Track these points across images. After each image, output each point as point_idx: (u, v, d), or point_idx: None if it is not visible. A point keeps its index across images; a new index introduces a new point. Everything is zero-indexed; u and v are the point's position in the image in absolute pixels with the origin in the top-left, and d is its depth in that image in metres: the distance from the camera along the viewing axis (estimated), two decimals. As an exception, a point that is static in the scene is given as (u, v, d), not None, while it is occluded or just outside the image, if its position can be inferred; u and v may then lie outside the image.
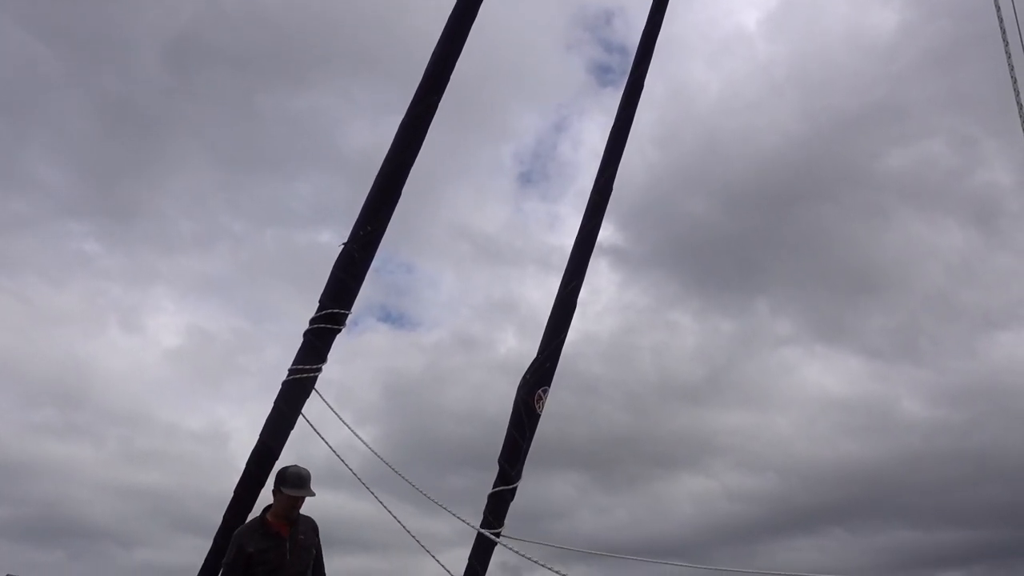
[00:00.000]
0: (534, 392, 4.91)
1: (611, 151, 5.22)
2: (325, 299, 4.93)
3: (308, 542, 4.87)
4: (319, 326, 4.91)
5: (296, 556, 4.76)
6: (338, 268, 4.93)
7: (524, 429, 4.88)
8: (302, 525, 4.89)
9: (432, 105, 5.13)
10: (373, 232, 4.88)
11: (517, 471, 4.86)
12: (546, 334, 5.07)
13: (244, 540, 4.78)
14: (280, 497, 4.83)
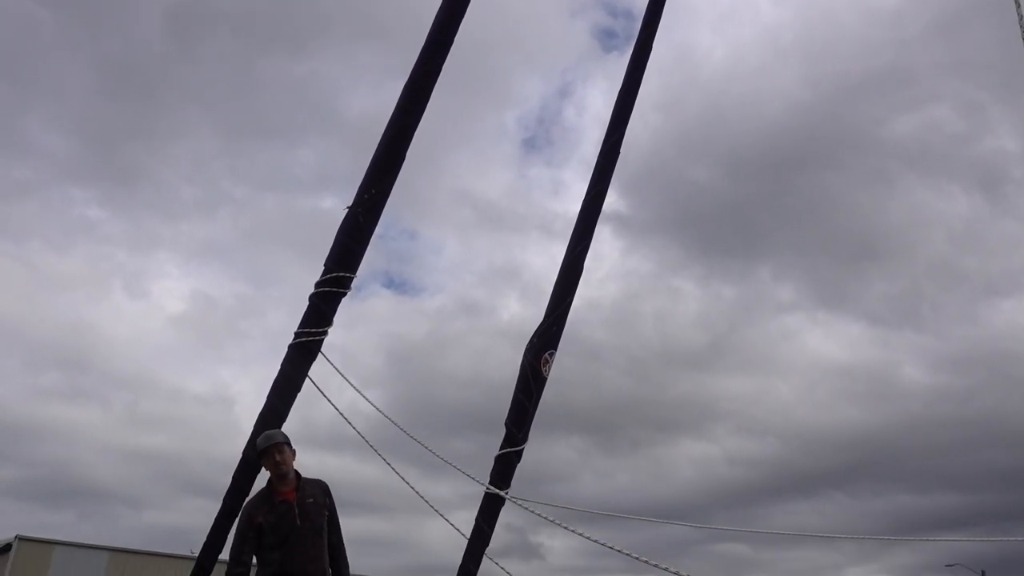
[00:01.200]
0: (540, 355, 4.92)
1: (619, 113, 5.18)
2: (330, 263, 4.94)
3: (318, 504, 4.90)
4: (324, 290, 4.92)
5: (306, 519, 4.80)
6: (343, 232, 4.93)
7: (531, 392, 4.90)
8: (310, 488, 4.94)
9: (435, 70, 5.09)
10: (377, 196, 4.87)
11: (524, 433, 4.89)
12: (553, 298, 5.07)
13: (253, 511, 4.88)
14: (264, 463, 4.96)
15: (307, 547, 4.82)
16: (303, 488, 4.95)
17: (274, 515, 4.82)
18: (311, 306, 4.98)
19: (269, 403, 5.08)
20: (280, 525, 4.80)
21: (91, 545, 38.80)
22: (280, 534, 4.79)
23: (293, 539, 4.78)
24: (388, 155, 4.86)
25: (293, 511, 4.83)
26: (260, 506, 4.91)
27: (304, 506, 4.87)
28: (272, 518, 4.82)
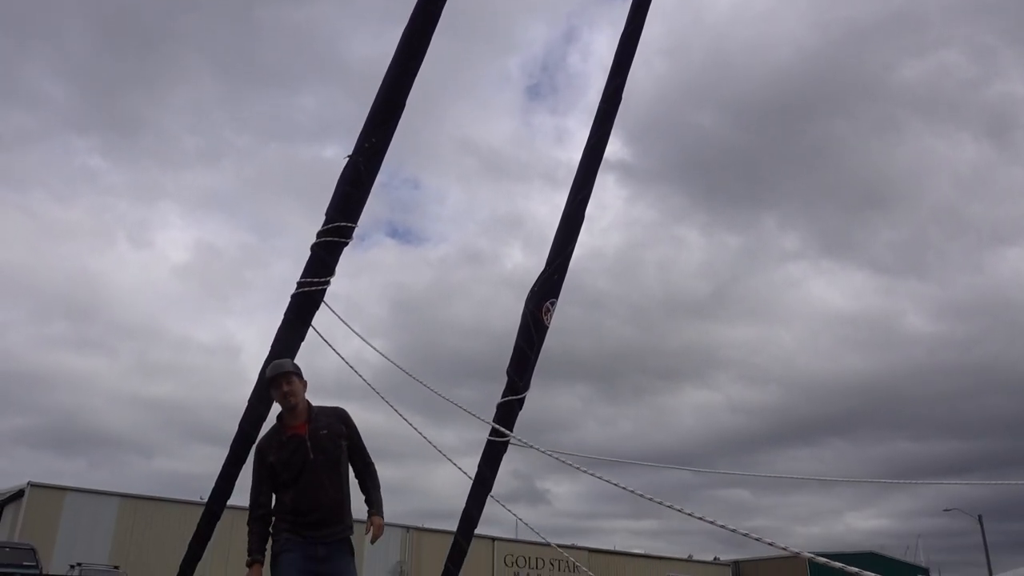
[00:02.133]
0: (542, 304, 4.93)
1: (621, 58, 5.09)
2: (331, 212, 4.92)
3: (333, 433, 4.73)
4: (326, 239, 4.91)
5: (319, 452, 4.64)
6: (344, 181, 4.90)
7: (532, 340, 4.93)
8: (324, 418, 4.77)
9: (435, 14, 5.00)
10: (378, 144, 4.83)
11: (525, 382, 4.93)
12: (554, 246, 5.07)
13: (264, 450, 4.75)
14: (272, 395, 4.83)
15: (322, 482, 4.63)
16: (315, 419, 4.75)
17: (285, 452, 4.67)
18: (313, 256, 4.98)
19: (273, 353, 5.12)
20: (292, 462, 4.63)
21: (102, 491, 39.59)
22: (292, 471, 4.62)
23: (306, 475, 4.61)
24: (387, 102, 4.81)
25: (305, 445, 4.65)
26: (270, 444, 4.77)
27: (317, 438, 4.69)
28: (284, 455, 4.66)
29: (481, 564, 47.01)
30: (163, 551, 31.90)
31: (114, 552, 36.06)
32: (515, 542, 47.78)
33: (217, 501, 5.29)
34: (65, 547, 34.52)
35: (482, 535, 45.82)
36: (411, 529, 46.50)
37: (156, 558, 33.26)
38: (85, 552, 33.20)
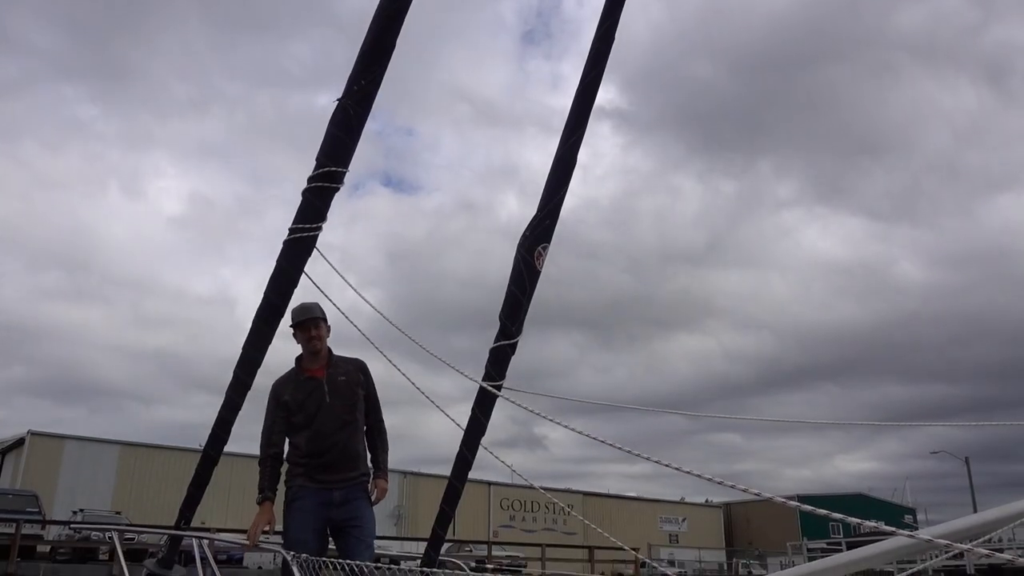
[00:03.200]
0: (534, 249, 4.91)
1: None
2: (322, 157, 4.87)
3: (351, 381, 4.73)
4: (317, 185, 4.87)
5: (336, 397, 4.63)
6: (333, 125, 4.84)
7: (524, 286, 4.92)
8: (343, 365, 4.77)
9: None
10: (367, 87, 4.75)
11: (517, 327, 4.94)
12: (546, 190, 5.03)
13: (279, 390, 4.74)
14: (296, 336, 4.82)
15: (337, 426, 4.61)
16: (335, 365, 4.76)
17: (301, 392, 4.66)
18: (304, 202, 4.94)
19: (266, 299, 5.10)
20: (307, 403, 4.62)
21: (102, 439, 40.05)
22: (307, 413, 4.60)
23: (321, 418, 4.59)
24: (376, 43, 4.72)
25: (322, 388, 4.65)
26: (286, 384, 4.75)
27: (335, 383, 4.68)
28: (299, 395, 4.65)
29: (478, 508, 47.87)
30: (163, 496, 32.37)
31: (115, 498, 36.61)
32: (511, 486, 48.63)
33: (214, 446, 5.34)
34: (67, 494, 35.04)
35: (478, 480, 46.62)
36: (408, 474, 47.22)
37: (157, 503, 33.76)
38: (87, 498, 33.71)
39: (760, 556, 47.81)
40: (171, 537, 5.83)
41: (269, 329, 5.13)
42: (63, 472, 37.25)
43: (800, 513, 55.86)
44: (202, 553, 5.87)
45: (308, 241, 4.93)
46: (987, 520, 2.96)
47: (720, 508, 64.36)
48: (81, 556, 23.15)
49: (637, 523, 53.20)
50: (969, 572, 25.26)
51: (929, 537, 2.42)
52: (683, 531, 59.35)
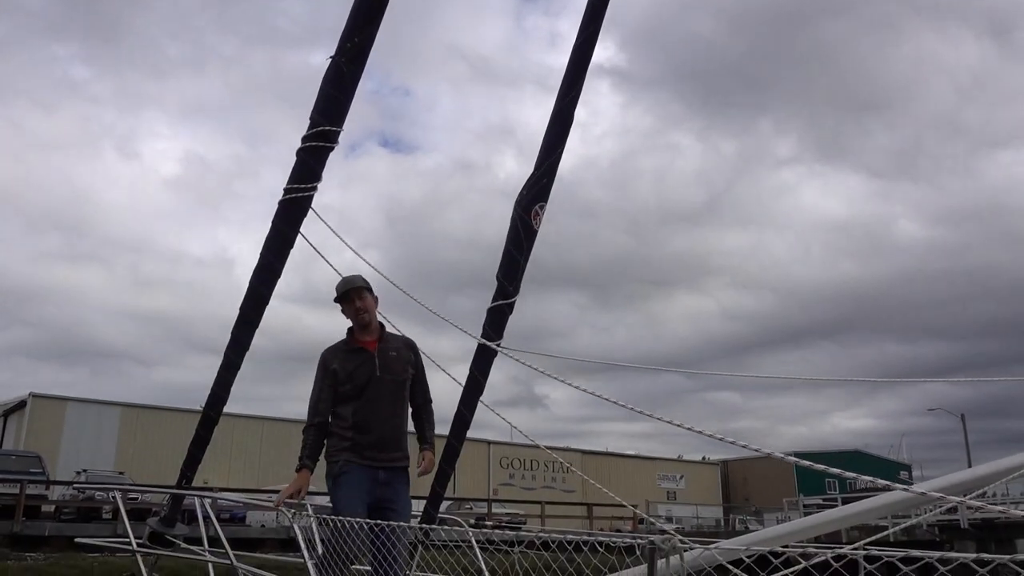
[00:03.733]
0: (531, 208, 4.89)
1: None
2: (315, 116, 4.81)
3: (402, 358, 4.66)
4: (311, 144, 4.82)
5: (387, 371, 4.55)
6: (327, 83, 4.78)
7: (522, 245, 4.91)
8: (394, 341, 4.70)
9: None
10: (361, 44, 4.68)
11: (515, 286, 4.94)
12: (543, 149, 4.99)
13: (328, 358, 4.64)
14: (344, 311, 4.71)
15: (385, 401, 4.54)
16: (386, 340, 4.68)
17: (351, 362, 4.56)
18: (298, 161, 4.90)
19: (263, 260, 5.09)
20: (357, 373, 4.52)
21: (103, 401, 40.31)
22: (356, 384, 4.51)
23: (370, 391, 4.51)
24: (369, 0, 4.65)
25: (373, 361, 4.55)
26: (336, 353, 4.64)
27: (386, 357, 4.59)
28: (349, 365, 4.55)
29: (478, 466, 48.37)
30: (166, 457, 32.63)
31: (118, 459, 36.95)
32: (510, 445, 49.09)
33: (213, 407, 5.37)
34: (70, 455, 35.34)
35: (479, 439, 47.06)
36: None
37: (159, 463, 34.06)
38: (89, 459, 34.02)
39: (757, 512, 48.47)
40: (173, 496, 5.89)
41: (266, 289, 5.12)
42: (65, 433, 37.54)
43: (796, 470, 56.49)
44: (204, 511, 5.94)
45: (303, 202, 4.89)
46: (980, 475, 2.99)
47: (717, 465, 65.11)
48: (85, 515, 23.43)
49: (636, 480, 53.85)
50: (963, 526, 25.63)
51: (923, 491, 2.44)
52: (681, 488, 60.10)
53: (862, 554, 1.98)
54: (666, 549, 2.21)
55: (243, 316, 5.16)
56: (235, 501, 24.17)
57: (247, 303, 5.15)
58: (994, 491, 25.01)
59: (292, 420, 43.66)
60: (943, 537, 26.53)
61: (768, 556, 2.37)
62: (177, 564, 8.16)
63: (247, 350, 5.26)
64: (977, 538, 25.93)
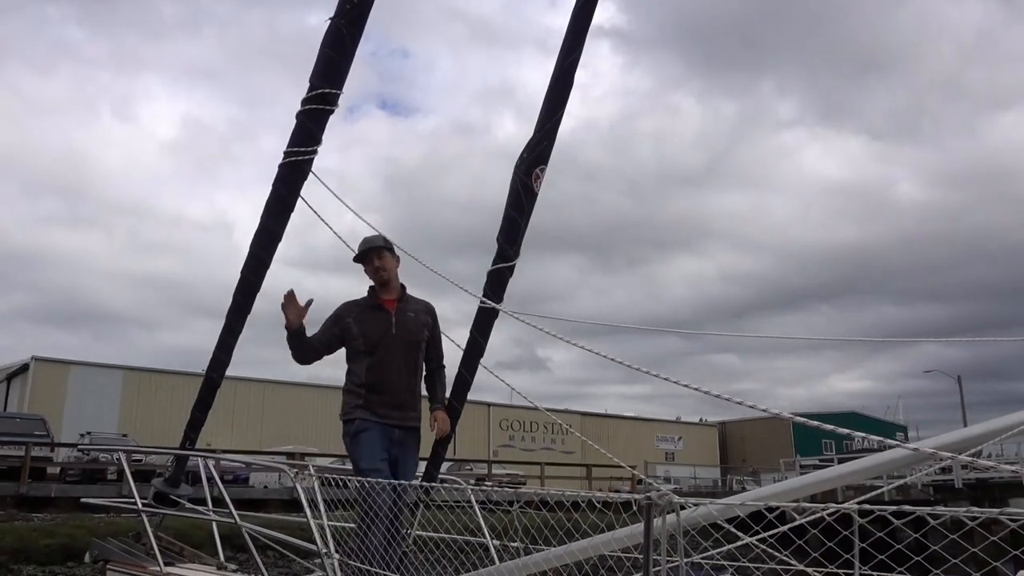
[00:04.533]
0: (531, 171, 4.88)
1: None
2: (315, 79, 4.79)
3: (419, 320, 4.69)
4: (311, 107, 4.80)
5: (404, 331, 4.58)
6: (326, 45, 4.75)
7: (522, 208, 4.91)
8: (414, 303, 4.74)
9: None
10: (361, 5, 4.65)
11: (515, 249, 4.95)
12: (543, 111, 4.96)
13: (344, 310, 4.68)
14: (366, 271, 4.72)
15: (400, 360, 4.55)
16: (406, 300, 4.70)
17: (368, 318, 4.58)
18: (298, 125, 4.89)
19: (263, 224, 5.10)
20: (373, 329, 4.54)
21: (106, 364, 40.50)
22: (371, 340, 4.53)
23: (383, 349, 4.52)
24: (368, -39, 4.60)
25: (390, 319, 4.57)
26: (353, 307, 4.67)
27: (403, 318, 4.61)
28: (366, 321, 4.57)
29: (478, 428, 48.77)
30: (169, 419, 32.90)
31: (121, 422, 37.22)
32: (510, 407, 49.43)
33: (216, 369, 5.42)
34: (73, 418, 35.60)
35: (478, 401, 47.39)
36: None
37: (162, 426, 34.32)
38: (93, 422, 34.26)
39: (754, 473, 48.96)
40: (177, 457, 5.96)
41: (266, 254, 5.14)
42: (69, 397, 37.78)
43: (794, 431, 56.96)
44: (208, 472, 6.02)
45: (303, 165, 4.89)
46: (974, 434, 3.04)
47: (715, 427, 65.64)
48: (91, 477, 23.69)
49: (634, 442, 54.32)
50: (958, 486, 25.92)
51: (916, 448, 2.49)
52: (679, 449, 60.65)
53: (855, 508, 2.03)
54: (662, 505, 2.26)
55: (244, 280, 5.18)
56: (238, 462, 24.40)
57: (248, 267, 5.17)
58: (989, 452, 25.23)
59: (294, 383, 43.97)
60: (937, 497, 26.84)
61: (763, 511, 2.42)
62: (182, 524, 8.29)
63: (248, 314, 5.30)
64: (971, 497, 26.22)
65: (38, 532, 14.00)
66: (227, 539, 6.61)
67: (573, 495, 3.18)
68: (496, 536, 4.75)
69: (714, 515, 2.40)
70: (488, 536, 4.74)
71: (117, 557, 6.10)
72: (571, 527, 3.49)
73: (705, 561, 3.44)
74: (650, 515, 2.29)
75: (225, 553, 6.34)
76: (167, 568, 5.59)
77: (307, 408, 41.53)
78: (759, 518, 2.87)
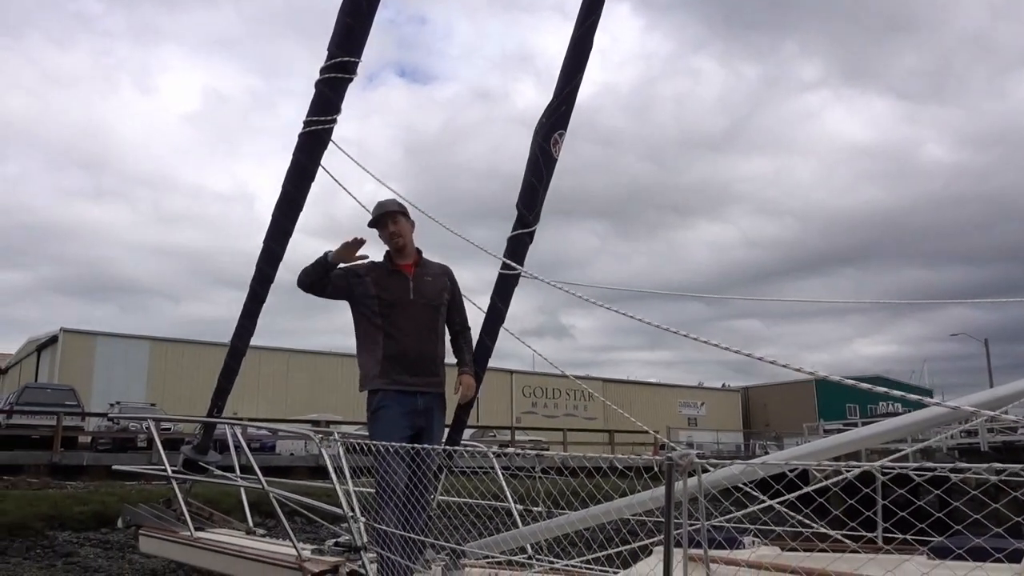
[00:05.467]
0: (550, 136, 4.85)
1: None
2: (333, 47, 4.78)
3: (437, 284, 4.63)
4: (329, 76, 4.80)
5: (421, 296, 4.52)
6: (344, 12, 4.73)
7: (541, 174, 4.89)
8: (431, 267, 4.67)
9: None
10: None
11: (535, 215, 4.94)
12: (561, 76, 4.92)
13: (362, 268, 4.57)
14: (380, 237, 4.65)
15: (418, 324, 4.47)
16: (423, 265, 4.64)
17: (385, 282, 4.50)
18: (317, 93, 4.89)
19: (284, 193, 5.12)
20: (390, 293, 4.46)
21: (133, 335, 41.06)
22: (387, 302, 4.44)
23: (402, 312, 4.44)
24: (384, -75, 4.56)
25: (408, 283, 4.50)
26: (371, 267, 4.56)
27: (421, 282, 4.55)
28: (383, 284, 4.49)
29: (501, 396, 49.03)
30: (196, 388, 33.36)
31: (149, 391, 37.80)
32: (532, 374, 49.64)
33: (241, 338, 5.49)
34: (102, 388, 36.20)
35: (501, 368, 47.62)
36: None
37: (188, 396, 34.84)
38: (122, 391, 34.84)
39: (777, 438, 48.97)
40: (205, 425, 6.06)
41: (288, 222, 5.17)
42: (97, 367, 38.36)
43: (817, 395, 56.77)
44: (235, 440, 6.12)
45: (323, 134, 4.90)
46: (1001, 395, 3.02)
47: (738, 392, 65.57)
48: (121, 445, 24.15)
49: (657, 408, 54.40)
50: (983, 449, 25.79)
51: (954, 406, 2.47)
52: (702, 415, 60.69)
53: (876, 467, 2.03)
54: (684, 467, 2.27)
55: (267, 249, 5.23)
56: (265, 429, 24.74)
57: (270, 236, 5.21)
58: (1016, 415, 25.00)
59: (318, 352, 44.35)
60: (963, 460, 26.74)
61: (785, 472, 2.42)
62: (212, 491, 8.46)
63: (272, 282, 5.35)
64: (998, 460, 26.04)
65: (72, 499, 14.31)
66: (256, 505, 6.76)
67: (594, 459, 3.21)
68: (519, 501, 4.80)
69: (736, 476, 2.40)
70: (511, 500, 4.79)
71: (149, 522, 6.24)
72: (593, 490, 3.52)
73: (727, 523, 3.46)
74: (671, 477, 2.30)
75: (254, 519, 6.47)
76: (197, 533, 5.72)
77: (331, 376, 41.92)
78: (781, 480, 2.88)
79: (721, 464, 2.41)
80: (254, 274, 5.34)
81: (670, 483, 2.29)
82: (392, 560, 3.93)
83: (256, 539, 5.75)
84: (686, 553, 2.45)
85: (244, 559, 5.05)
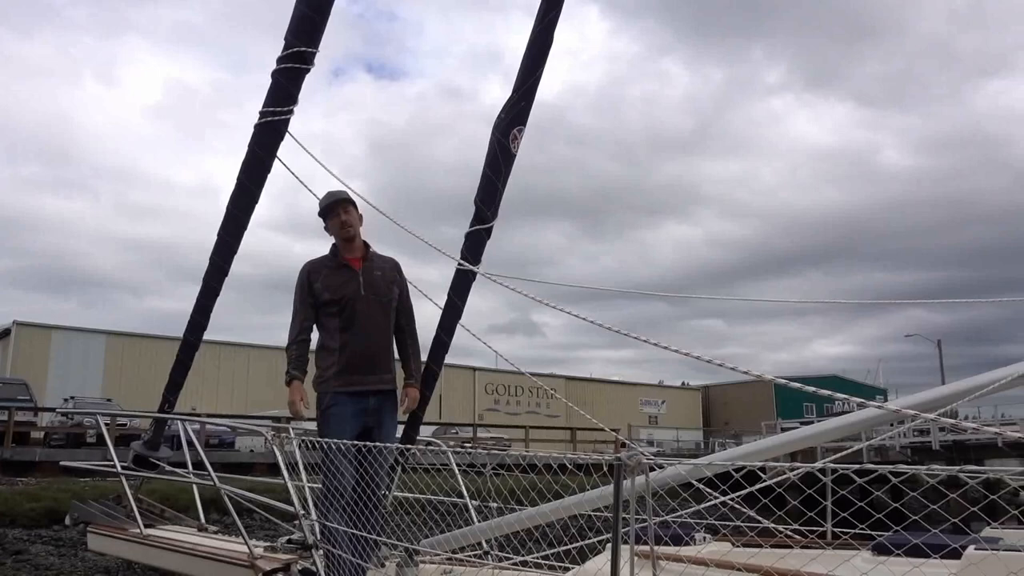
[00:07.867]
0: (509, 132, 4.83)
1: None
2: (290, 36, 4.70)
3: (387, 278, 4.57)
4: (286, 66, 4.72)
5: (372, 290, 4.46)
6: (302, 2, 4.66)
7: (500, 169, 4.87)
8: (379, 261, 4.62)
9: None
10: (335, -39, 4.56)
11: (493, 211, 4.91)
12: (521, 72, 4.90)
13: (310, 274, 4.53)
14: (327, 228, 4.61)
15: (370, 321, 4.42)
16: (371, 259, 4.59)
17: (335, 278, 4.46)
18: (274, 84, 4.81)
19: (239, 184, 5.03)
20: (339, 292, 4.42)
21: (89, 329, 40.27)
22: (339, 301, 4.41)
23: (352, 309, 4.40)
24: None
25: (357, 279, 4.45)
26: (319, 269, 4.53)
27: (371, 276, 4.49)
28: (333, 280, 4.45)
29: (464, 392, 48.95)
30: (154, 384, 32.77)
31: (105, 386, 37.12)
32: (495, 371, 49.62)
33: (193, 332, 5.39)
34: (57, 382, 35.48)
35: (464, 365, 47.55)
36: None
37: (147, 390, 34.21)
38: (78, 386, 34.16)
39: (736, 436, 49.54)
40: (156, 420, 5.95)
41: (244, 215, 5.08)
42: (52, 361, 37.60)
43: (776, 395, 57.54)
44: (187, 436, 6.02)
45: (279, 125, 4.82)
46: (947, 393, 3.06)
47: (698, 391, 66.24)
48: (75, 441, 23.66)
49: (619, 406, 54.74)
50: (935, 448, 26.32)
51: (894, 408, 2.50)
52: (662, 413, 61.20)
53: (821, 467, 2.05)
54: (632, 466, 2.27)
55: (221, 242, 5.14)
56: (223, 425, 24.42)
57: (225, 229, 5.11)
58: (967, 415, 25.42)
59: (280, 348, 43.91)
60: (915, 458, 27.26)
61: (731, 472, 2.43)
62: (168, 487, 8.32)
63: (226, 275, 5.25)
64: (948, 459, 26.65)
65: (23, 496, 14.01)
66: (214, 502, 6.65)
67: (545, 457, 3.20)
68: (475, 497, 4.79)
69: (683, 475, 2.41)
70: (467, 497, 4.77)
71: (98, 519, 6.12)
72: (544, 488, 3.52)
73: (677, 520, 3.48)
74: (619, 476, 2.30)
75: (211, 516, 6.37)
76: (147, 530, 5.61)
77: (293, 372, 41.52)
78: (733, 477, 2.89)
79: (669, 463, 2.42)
80: (207, 267, 5.24)
81: (618, 482, 2.29)
82: (341, 558, 3.89)
83: (208, 536, 5.66)
84: (633, 550, 2.46)
85: (195, 557, 4.97)
